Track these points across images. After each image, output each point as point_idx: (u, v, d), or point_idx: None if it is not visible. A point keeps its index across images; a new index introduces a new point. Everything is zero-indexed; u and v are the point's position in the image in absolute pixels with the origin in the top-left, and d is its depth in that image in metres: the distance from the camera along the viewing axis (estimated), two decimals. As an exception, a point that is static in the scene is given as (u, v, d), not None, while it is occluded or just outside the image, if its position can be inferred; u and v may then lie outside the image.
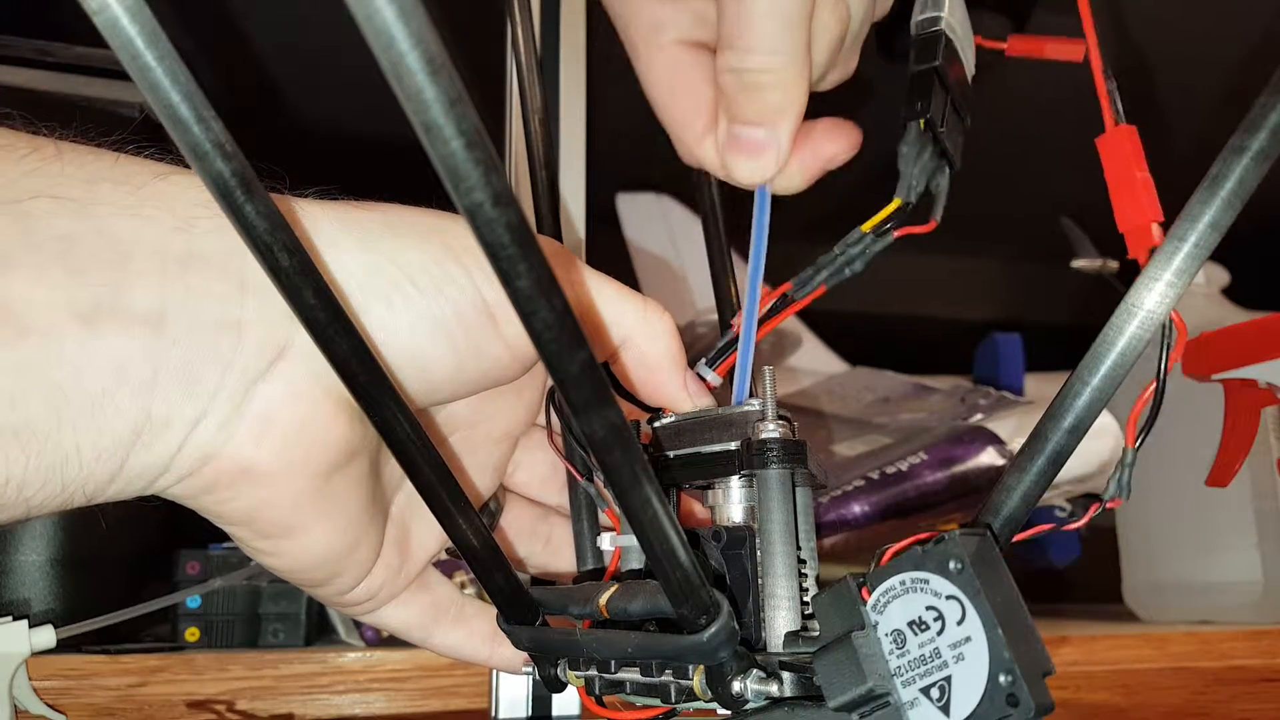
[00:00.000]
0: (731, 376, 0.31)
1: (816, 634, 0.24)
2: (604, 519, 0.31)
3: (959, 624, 0.20)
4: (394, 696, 0.50)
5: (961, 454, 0.66)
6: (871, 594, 0.22)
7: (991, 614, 0.20)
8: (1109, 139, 0.27)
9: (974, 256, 1.09)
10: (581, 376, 0.17)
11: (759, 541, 0.26)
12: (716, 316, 0.35)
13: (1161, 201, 0.25)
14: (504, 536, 0.33)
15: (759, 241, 0.31)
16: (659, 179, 0.89)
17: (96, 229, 0.22)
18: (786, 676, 0.24)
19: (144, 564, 0.55)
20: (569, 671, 0.28)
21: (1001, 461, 0.66)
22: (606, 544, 0.29)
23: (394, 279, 0.25)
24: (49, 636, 0.40)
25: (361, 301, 0.25)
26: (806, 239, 0.45)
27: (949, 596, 0.21)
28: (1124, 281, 0.66)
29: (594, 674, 0.27)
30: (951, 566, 0.21)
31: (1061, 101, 0.66)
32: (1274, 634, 0.62)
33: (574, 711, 0.48)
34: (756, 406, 0.28)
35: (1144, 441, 0.24)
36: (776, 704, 0.24)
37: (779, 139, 0.31)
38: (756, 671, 0.24)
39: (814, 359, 0.91)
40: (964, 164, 0.33)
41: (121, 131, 0.25)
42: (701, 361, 0.31)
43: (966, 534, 0.21)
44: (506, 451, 0.32)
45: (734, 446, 0.28)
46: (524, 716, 0.48)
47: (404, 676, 0.50)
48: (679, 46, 0.33)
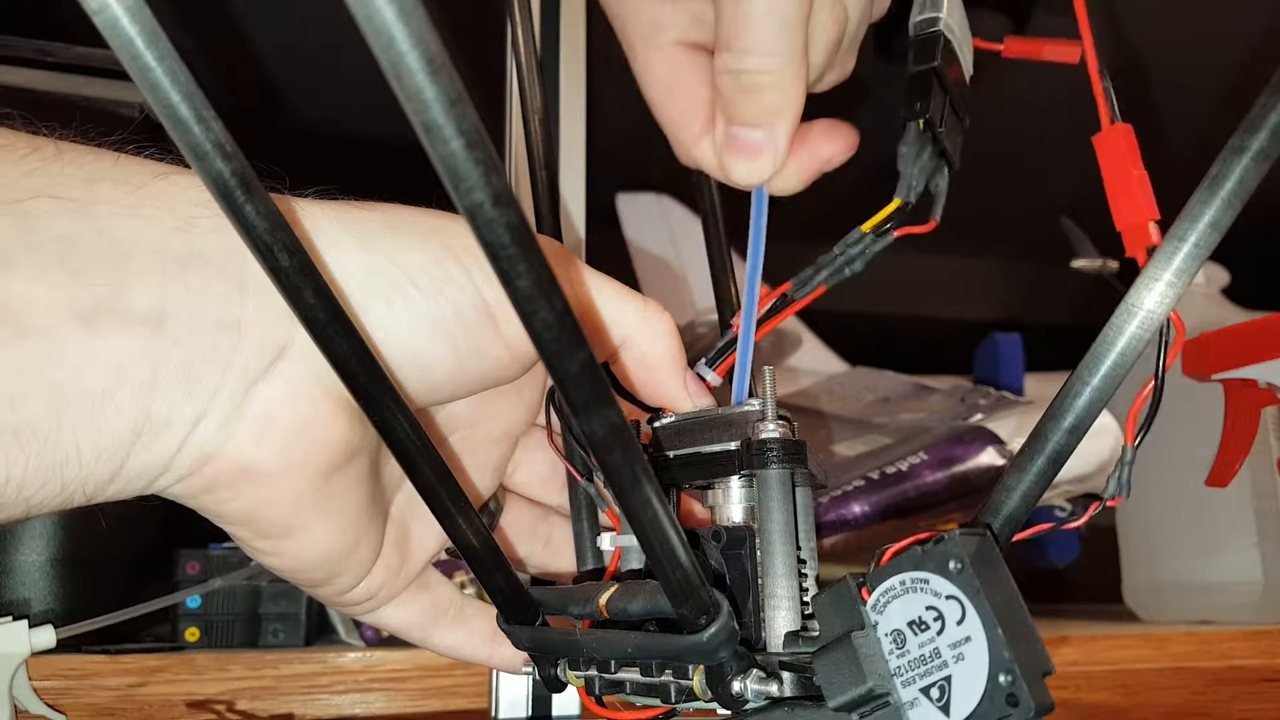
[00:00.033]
0: (731, 376, 0.31)
1: (816, 634, 0.24)
2: (604, 519, 0.31)
3: (959, 624, 0.20)
4: (394, 696, 0.50)
5: (961, 454, 0.66)
6: (871, 594, 0.22)
7: (991, 614, 0.20)
8: (1105, 137, 0.27)
9: (974, 256, 1.09)
10: (581, 376, 0.17)
11: (759, 541, 0.26)
12: (716, 316, 0.35)
13: (1161, 202, 0.25)
14: (504, 536, 0.33)
15: (756, 242, 0.31)
16: (659, 179, 0.89)
17: (96, 229, 0.22)
18: (786, 676, 0.24)
19: (144, 564, 0.55)
20: (569, 671, 0.28)
21: (1001, 461, 0.66)
22: (606, 544, 0.29)
23: (394, 279, 0.25)
24: (49, 636, 0.40)
25: (361, 301, 0.25)
26: (805, 239, 0.45)
27: (949, 596, 0.21)
28: (1124, 281, 0.66)
29: (594, 674, 0.27)
30: (951, 566, 0.21)
31: (1063, 101, 0.66)
32: (1274, 634, 0.62)
33: (574, 711, 0.48)
34: (756, 406, 0.28)
35: (1143, 440, 0.24)
36: (776, 704, 0.24)
37: (776, 140, 0.31)
38: (756, 671, 0.24)
39: (814, 359, 0.91)
40: (965, 164, 0.33)
41: (121, 131, 0.25)
42: (701, 361, 0.31)
43: (966, 534, 0.21)
44: (506, 451, 0.32)
45: (734, 446, 0.28)
46: (524, 716, 0.48)
47: (404, 676, 0.50)
48: (677, 48, 0.33)
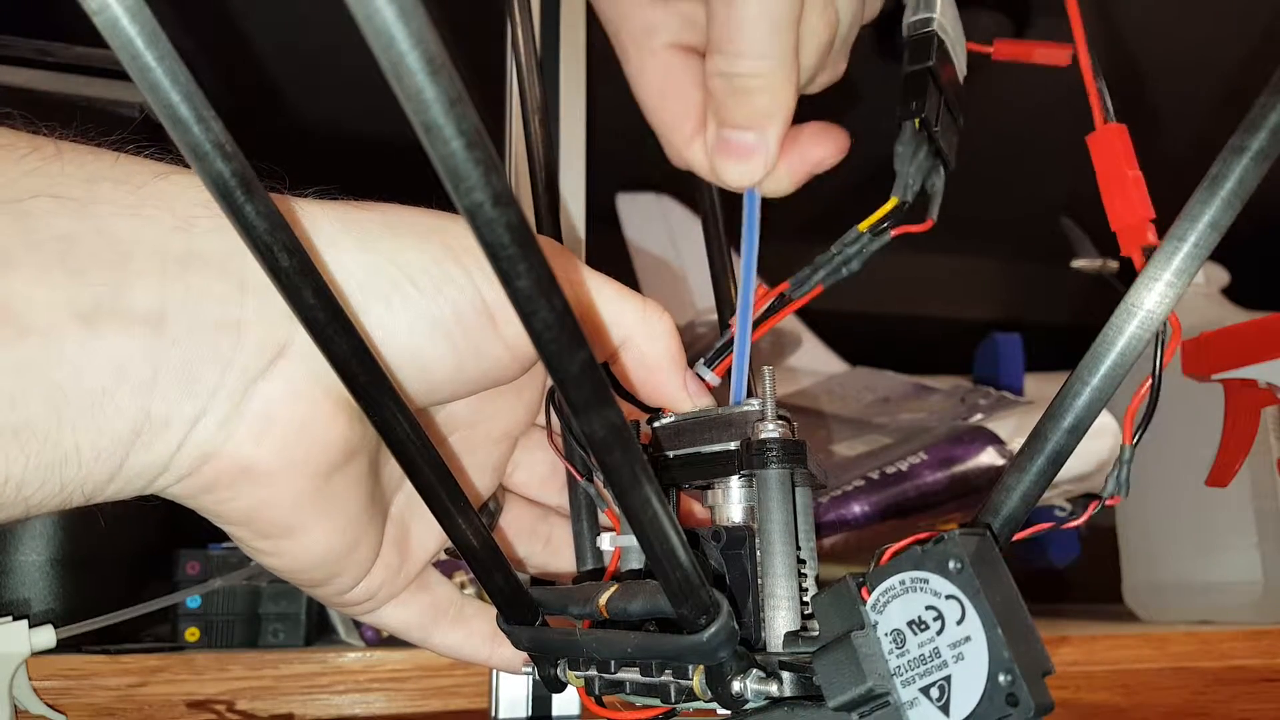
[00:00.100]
0: (730, 376, 0.31)
1: (816, 634, 0.24)
2: (604, 519, 0.31)
3: (959, 624, 0.20)
4: (394, 696, 0.50)
5: (961, 454, 0.66)
6: (871, 594, 0.22)
7: (991, 614, 0.20)
8: (1099, 137, 0.27)
9: (974, 256, 1.09)
10: (581, 376, 0.17)
11: (759, 541, 0.26)
12: (716, 316, 0.35)
13: (1161, 202, 0.25)
14: (504, 536, 0.33)
15: (750, 243, 0.31)
16: (659, 179, 0.89)
17: (96, 229, 0.22)
18: (786, 676, 0.24)
19: (144, 564, 0.55)
20: (569, 671, 0.28)
21: (1001, 461, 0.66)
22: (606, 544, 0.29)
23: (393, 279, 0.25)
24: (49, 636, 0.40)
25: (361, 301, 0.25)
26: (802, 239, 0.45)
27: (949, 596, 0.21)
28: (1124, 281, 0.66)
29: (594, 674, 0.27)
30: (951, 566, 0.21)
31: (1063, 100, 0.66)
32: (1274, 634, 0.62)
33: (574, 711, 0.48)
34: (756, 406, 0.28)
35: (1141, 438, 0.24)
36: (776, 704, 0.24)
37: (767, 143, 0.31)
38: (756, 671, 0.24)
39: (814, 359, 0.91)
40: (965, 164, 0.33)
41: (121, 131, 0.25)
42: (700, 361, 0.32)
43: (966, 534, 0.21)
44: (506, 451, 0.32)
45: (733, 446, 0.28)
46: (524, 716, 0.48)
47: (404, 676, 0.50)
48: (669, 50, 0.33)
